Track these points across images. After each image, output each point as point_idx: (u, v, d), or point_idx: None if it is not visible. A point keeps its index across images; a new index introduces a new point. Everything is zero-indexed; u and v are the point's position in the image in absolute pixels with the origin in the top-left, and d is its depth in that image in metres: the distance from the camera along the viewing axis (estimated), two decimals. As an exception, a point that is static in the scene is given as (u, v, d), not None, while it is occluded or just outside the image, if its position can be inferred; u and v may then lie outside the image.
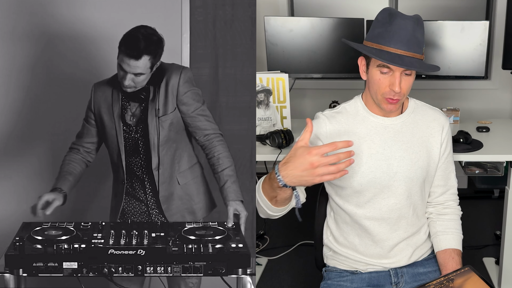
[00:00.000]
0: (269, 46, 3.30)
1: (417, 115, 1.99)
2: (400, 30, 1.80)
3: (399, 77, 1.81)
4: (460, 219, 2.10)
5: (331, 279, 2.07)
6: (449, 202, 2.08)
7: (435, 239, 2.06)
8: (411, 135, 1.96)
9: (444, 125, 2.01)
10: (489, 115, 3.89)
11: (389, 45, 1.81)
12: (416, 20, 1.84)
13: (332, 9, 4.33)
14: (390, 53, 1.80)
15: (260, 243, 3.55)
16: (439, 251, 2.03)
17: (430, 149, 1.98)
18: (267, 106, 2.97)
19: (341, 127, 1.95)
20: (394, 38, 1.80)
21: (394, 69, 1.81)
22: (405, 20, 1.82)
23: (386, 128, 1.95)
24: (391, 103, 1.86)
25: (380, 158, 1.93)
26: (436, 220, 2.07)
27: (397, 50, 1.80)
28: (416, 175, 1.96)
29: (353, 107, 1.99)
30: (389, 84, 1.83)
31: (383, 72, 1.83)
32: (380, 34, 1.83)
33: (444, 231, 2.04)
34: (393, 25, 1.81)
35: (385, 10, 1.88)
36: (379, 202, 1.97)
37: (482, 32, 3.14)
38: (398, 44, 1.80)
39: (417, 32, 1.83)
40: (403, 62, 1.79)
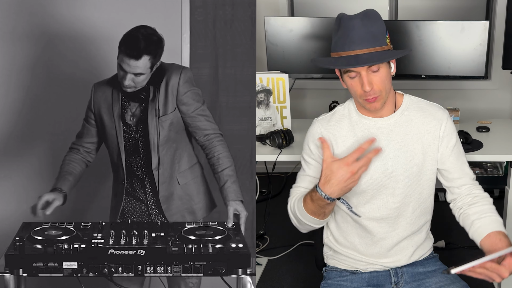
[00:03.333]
0: (269, 46, 3.30)
1: (411, 111, 1.98)
2: (348, 31, 1.82)
3: (366, 76, 1.82)
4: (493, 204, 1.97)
5: (331, 278, 2.07)
6: (474, 191, 1.99)
7: (472, 229, 1.91)
8: (405, 133, 1.96)
9: (441, 119, 1.97)
10: (489, 115, 3.89)
11: (343, 50, 1.83)
12: (364, 15, 1.83)
13: (332, 9, 4.33)
14: (346, 57, 1.82)
15: (260, 243, 3.55)
16: (482, 239, 1.86)
17: (427, 145, 1.96)
18: (267, 106, 2.97)
19: (336, 130, 1.97)
20: (346, 41, 1.82)
21: (357, 70, 1.82)
22: (351, 20, 1.83)
23: (379, 129, 1.95)
24: (371, 102, 1.87)
25: (376, 159, 1.92)
26: (468, 212, 1.94)
27: (351, 51, 1.81)
28: (412, 173, 1.95)
29: (346, 110, 2.01)
30: (360, 85, 1.84)
31: (351, 76, 1.85)
32: (335, 42, 1.86)
33: (479, 218, 1.90)
34: (342, 29, 1.83)
35: (337, 16, 1.89)
36: (378, 202, 1.97)
37: (482, 32, 3.14)
38: (351, 45, 1.81)
39: (369, 26, 1.82)
40: (359, 60, 1.79)
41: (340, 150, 1.95)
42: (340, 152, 1.94)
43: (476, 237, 1.91)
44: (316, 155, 1.99)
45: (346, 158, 1.75)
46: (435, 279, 2.00)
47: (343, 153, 1.91)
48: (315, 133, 2.00)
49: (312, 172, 2.00)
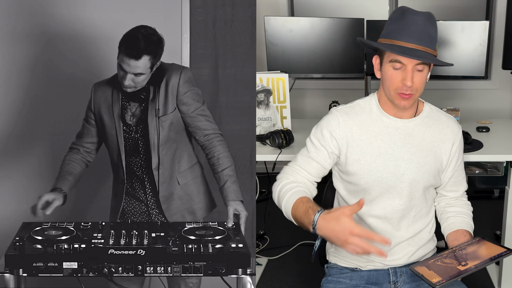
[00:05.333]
0: (269, 46, 3.30)
1: (431, 120, 2.00)
2: (412, 25, 1.84)
3: (411, 71, 1.84)
4: None
5: (331, 275, 2.09)
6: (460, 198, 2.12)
7: (445, 223, 2.06)
8: (422, 139, 1.97)
9: (457, 133, 2.02)
10: (489, 115, 3.89)
11: (401, 39, 1.84)
12: (428, 16, 1.87)
13: (332, 9, 4.33)
14: (401, 47, 1.84)
15: (260, 243, 3.55)
16: (450, 232, 2.02)
17: (439, 155, 1.99)
18: (267, 106, 2.97)
19: (354, 123, 1.97)
20: (406, 32, 1.84)
21: (406, 63, 1.83)
22: (416, 15, 1.86)
23: (398, 129, 1.96)
24: (404, 98, 1.88)
25: (389, 159, 1.94)
26: (447, 210, 2.08)
27: (408, 44, 1.83)
28: (422, 179, 1.97)
29: (367, 104, 2.01)
30: (402, 79, 1.85)
31: (395, 67, 1.85)
32: (393, 30, 1.87)
33: (455, 216, 2.05)
34: (405, 20, 1.85)
35: (398, 8, 1.92)
36: (384, 202, 1.98)
37: (482, 32, 3.14)
38: (409, 38, 1.83)
39: (429, 27, 1.86)
40: (414, 53, 1.82)
41: (355, 143, 1.95)
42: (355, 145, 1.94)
43: (446, 231, 2.05)
44: (328, 142, 1.97)
45: (355, 227, 1.66)
46: (435, 279, 2.00)
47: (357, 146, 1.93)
48: (332, 122, 1.97)
49: (319, 157, 1.98)
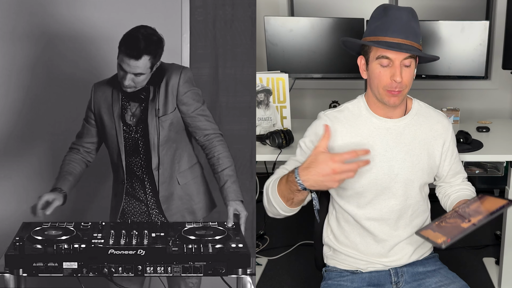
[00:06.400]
0: (269, 46, 3.30)
1: (421, 117, 2.00)
2: (395, 19, 1.83)
3: (399, 66, 1.83)
4: None
5: (331, 279, 2.07)
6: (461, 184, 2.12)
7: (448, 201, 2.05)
8: (413, 137, 1.96)
9: (448, 128, 2.03)
10: (489, 115, 3.89)
11: (386, 35, 1.83)
12: (411, 11, 1.87)
13: (332, 9, 4.33)
14: (387, 42, 1.83)
15: (260, 243, 3.55)
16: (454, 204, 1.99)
17: (432, 152, 1.99)
18: (267, 106, 2.97)
19: (343, 127, 1.95)
20: (391, 28, 1.83)
21: (394, 58, 1.82)
22: (399, 10, 1.85)
23: (389, 130, 1.95)
24: (393, 95, 1.86)
25: (382, 160, 1.93)
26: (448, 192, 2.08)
27: (394, 39, 1.82)
28: (417, 177, 1.96)
29: (356, 107, 1.99)
30: (390, 75, 1.84)
31: (383, 65, 1.84)
32: (377, 27, 1.86)
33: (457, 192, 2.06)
34: (388, 16, 1.84)
35: (380, 6, 1.91)
36: (380, 203, 1.97)
37: (482, 32, 3.14)
38: (395, 33, 1.82)
39: (413, 22, 1.85)
40: (401, 47, 1.81)
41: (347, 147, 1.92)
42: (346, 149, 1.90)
43: (449, 206, 2.04)
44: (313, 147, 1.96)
45: (335, 154, 1.62)
46: (435, 279, 2.00)
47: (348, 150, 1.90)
48: (320, 127, 1.94)
49: (303, 158, 1.94)
